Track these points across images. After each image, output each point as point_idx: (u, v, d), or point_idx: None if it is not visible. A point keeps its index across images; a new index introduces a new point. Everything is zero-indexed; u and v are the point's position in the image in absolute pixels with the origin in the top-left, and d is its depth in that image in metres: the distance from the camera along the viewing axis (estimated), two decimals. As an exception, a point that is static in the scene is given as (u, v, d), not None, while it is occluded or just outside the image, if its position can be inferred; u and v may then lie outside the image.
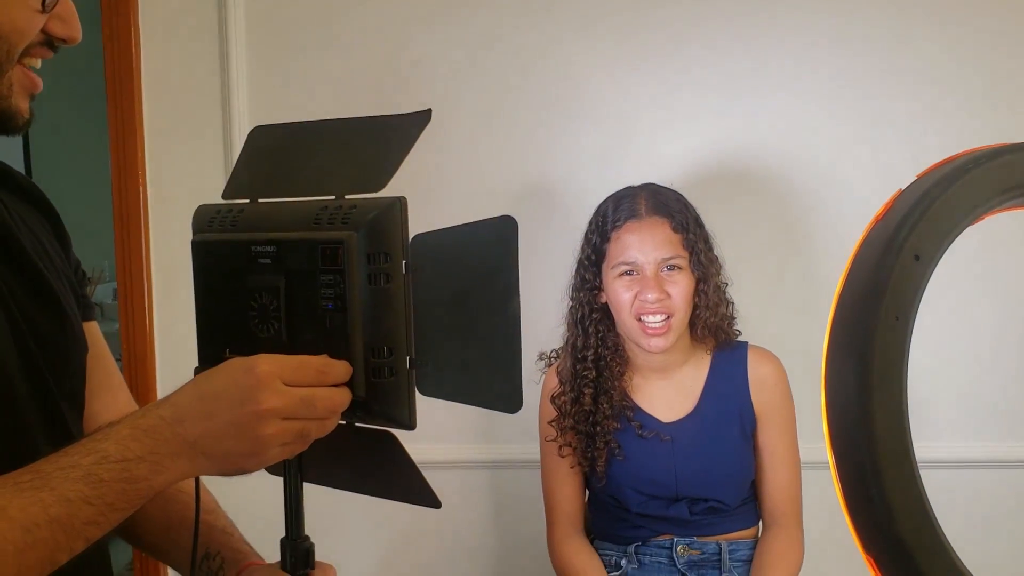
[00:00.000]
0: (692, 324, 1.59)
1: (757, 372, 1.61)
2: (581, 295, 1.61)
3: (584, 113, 1.89)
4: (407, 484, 0.86)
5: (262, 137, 0.94)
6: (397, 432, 0.83)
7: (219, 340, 0.87)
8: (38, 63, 0.86)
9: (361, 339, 0.79)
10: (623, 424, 1.60)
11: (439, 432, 1.84)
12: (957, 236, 0.43)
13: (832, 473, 0.42)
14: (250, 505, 1.37)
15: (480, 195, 1.90)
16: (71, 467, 0.71)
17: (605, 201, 1.61)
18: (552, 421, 1.64)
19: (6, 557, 0.66)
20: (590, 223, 1.61)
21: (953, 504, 1.84)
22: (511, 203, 1.89)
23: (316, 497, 0.91)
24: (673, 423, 1.61)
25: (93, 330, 1.01)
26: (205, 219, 0.89)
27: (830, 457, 0.43)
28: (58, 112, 3.29)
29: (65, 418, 0.89)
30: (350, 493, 0.89)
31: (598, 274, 1.59)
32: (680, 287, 1.53)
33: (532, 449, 1.72)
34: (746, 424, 1.61)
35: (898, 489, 0.41)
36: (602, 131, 1.89)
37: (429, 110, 0.82)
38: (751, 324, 1.70)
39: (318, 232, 0.80)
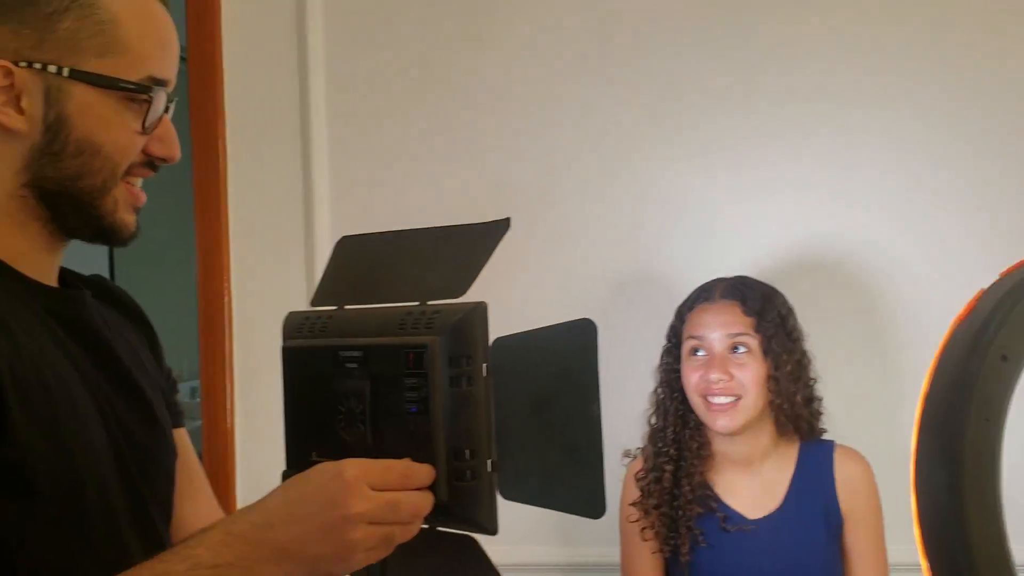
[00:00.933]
0: (774, 415, 1.58)
1: (844, 472, 1.57)
2: (663, 377, 1.63)
3: (668, 212, 1.89)
4: (487, 588, 0.85)
5: (348, 246, 0.97)
6: (478, 536, 0.83)
7: (306, 444, 0.88)
8: (139, 181, 0.90)
9: (444, 442, 0.79)
10: (706, 513, 1.57)
11: (517, 533, 1.81)
12: (1045, 336, 0.42)
13: (926, 579, 0.40)
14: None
15: (562, 297, 1.91)
16: (166, 574, 0.72)
17: (693, 292, 1.64)
18: (634, 502, 1.62)
19: None
20: (676, 312, 1.65)
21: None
22: (594, 306, 1.89)
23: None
24: (758, 519, 1.57)
25: (182, 436, 1.04)
26: (295, 325, 0.92)
27: (923, 563, 0.41)
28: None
29: (156, 525, 0.91)
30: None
31: (678, 357, 1.61)
32: (747, 370, 1.52)
33: (613, 552, 1.68)
34: (832, 524, 1.56)
35: (999, 598, 0.39)
36: (686, 229, 1.89)
37: (508, 219, 0.84)
38: (835, 421, 1.65)
39: (403, 337, 0.82)
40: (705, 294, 1.60)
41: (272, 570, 0.74)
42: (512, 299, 1.85)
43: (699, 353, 1.56)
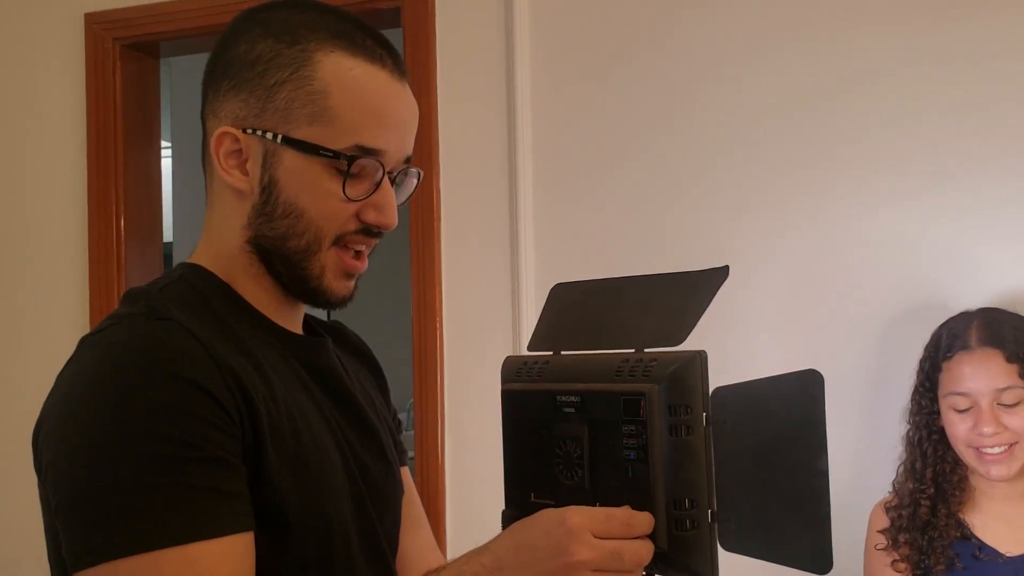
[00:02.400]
0: None
1: None
2: (918, 419, 1.57)
3: (893, 262, 1.78)
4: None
5: (563, 293, 0.98)
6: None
7: (525, 485, 0.89)
8: (363, 248, 0.91)
9: (663, 490, 0.78)
10: (961, 540, 1.50)
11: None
12: None
13: None
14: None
15: (782, 347, 1.83)
16: None
17: (940, 327, 1.57)
18: (883, 530, 1.55)
19: None
20: (925, 349, 1.58)
21: None
22: (814, 356, 1.80)
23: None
24: (1015, 557, 1.47)
25: (405, 474, 1.08)
26: (513, 369, 0.93)
27: None
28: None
29: (387, 558, 0.94)
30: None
31: (934, 400, 1.55)
32: (1019, 418, 1.45)
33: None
34: None
35: None
36: (913, 267, 1.77)
37: (727, 267, 0.82)
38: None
39: (620, 384, 0.81)
40: (960, 342, 1.51)
41: None
42: (732, 348, 1.80)
43: (964, 407, 1.49)
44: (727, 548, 0.78)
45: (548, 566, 0.75)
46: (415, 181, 0.94)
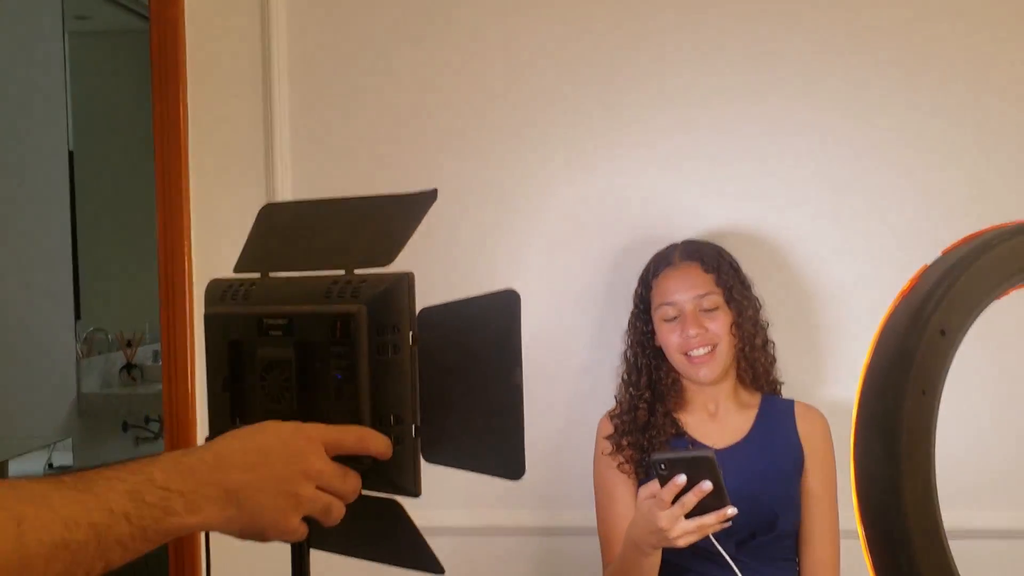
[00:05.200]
0: (737, 362, 1.62)
1: (805, 421, 1.62)
2: (634, 339, 1.68)
3: (594, 188, 1.83)
4: (410, 550, 0.82)
5: (273, 214, 0.92)
6: (402, 499, 0.80)
7: (230, 411, 0.83)
8: None
9: (369, 408, 0.76)
10: (676, 437, 1.61)
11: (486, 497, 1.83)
12: (982, 311, 0.41)
13: (862, 544, 0.40)
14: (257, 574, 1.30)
15: (486, 269, 1.85)
16: (117, 480, 0.66)
17: (651, 259, 1.67)
18: (608, 436, 1.64)
19: (41, 548, 0.60)
20: (639, 279, 1.68)
21: (984, 574, 1.74)
22: (514, 276, 1.84)
23: (324, 564, 0.87)
24: (723, 449, 1.60)
25: None
26: (217, 293, 0.86)
27: (859, 528, 0.41)
28: (106, 173, 3.40)
29: None
30: (356, 560, 0.85)
31: (649, 321, 1.65)
32: (718, 321, 1.58)
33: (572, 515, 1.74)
34: (796, 459, 1.59)
35: (928, 560, 0.38)
36: (608, 202, 1.84)
37: (435, 190, 0.81)
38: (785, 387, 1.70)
39: (329, 305, 0.78)
40: (665, 260, 1.63)
41: (214, 512, 0.69)
42: (440, 269, 1.81)
43: (672, 315, 1.60)
44: (429, 460, 0.78)
45: (279, 471, 0.70)
46: None
